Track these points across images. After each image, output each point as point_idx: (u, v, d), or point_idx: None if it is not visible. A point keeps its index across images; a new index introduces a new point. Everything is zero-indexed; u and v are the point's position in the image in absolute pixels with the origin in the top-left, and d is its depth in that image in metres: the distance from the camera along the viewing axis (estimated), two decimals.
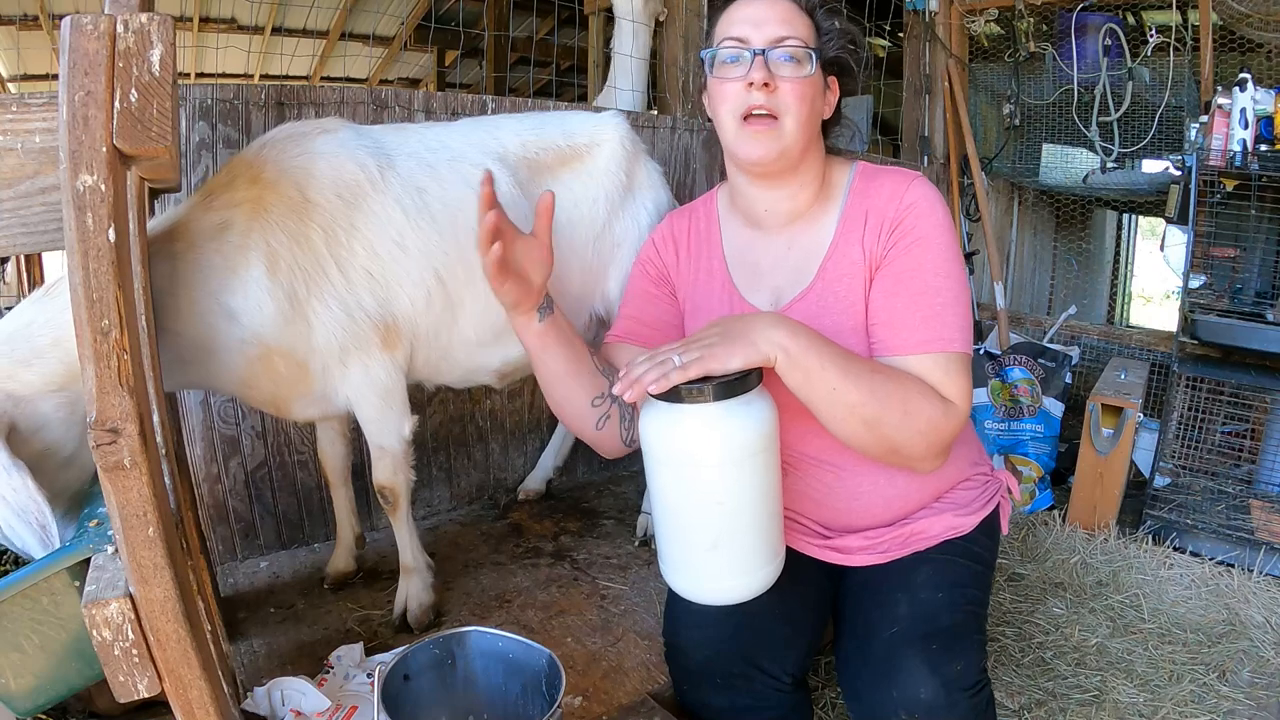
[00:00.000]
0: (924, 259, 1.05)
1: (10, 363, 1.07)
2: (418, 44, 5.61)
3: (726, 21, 1.10)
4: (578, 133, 1.65)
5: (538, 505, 2.13)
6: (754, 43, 1.06)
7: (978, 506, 1.19)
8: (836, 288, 1.10)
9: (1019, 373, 2.70)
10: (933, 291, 1.04)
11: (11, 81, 5.05)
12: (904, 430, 0.99)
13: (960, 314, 1.05)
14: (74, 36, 0.71)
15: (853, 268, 1.09)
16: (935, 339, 1.03)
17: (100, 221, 0.72)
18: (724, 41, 1.08)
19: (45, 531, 0.99)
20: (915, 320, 1.04)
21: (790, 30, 1.06)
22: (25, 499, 0.98)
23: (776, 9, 1.07)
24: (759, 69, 1.04)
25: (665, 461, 0.95)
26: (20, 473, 0.99)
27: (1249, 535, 2.11)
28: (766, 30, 1.05)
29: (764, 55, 1.05)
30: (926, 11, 3.23)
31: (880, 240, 1.08)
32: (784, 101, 1.06)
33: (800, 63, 1.06)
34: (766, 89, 1.05)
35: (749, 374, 0.93)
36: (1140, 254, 4.73)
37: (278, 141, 1.34)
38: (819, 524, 1.22)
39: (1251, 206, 2.39)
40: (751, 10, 1.07)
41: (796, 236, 1.16)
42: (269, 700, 1.23)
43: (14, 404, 1.06)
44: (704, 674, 1.17)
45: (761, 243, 1.19)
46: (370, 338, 1.36)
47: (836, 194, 1.15)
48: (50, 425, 1.10)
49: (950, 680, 1.00)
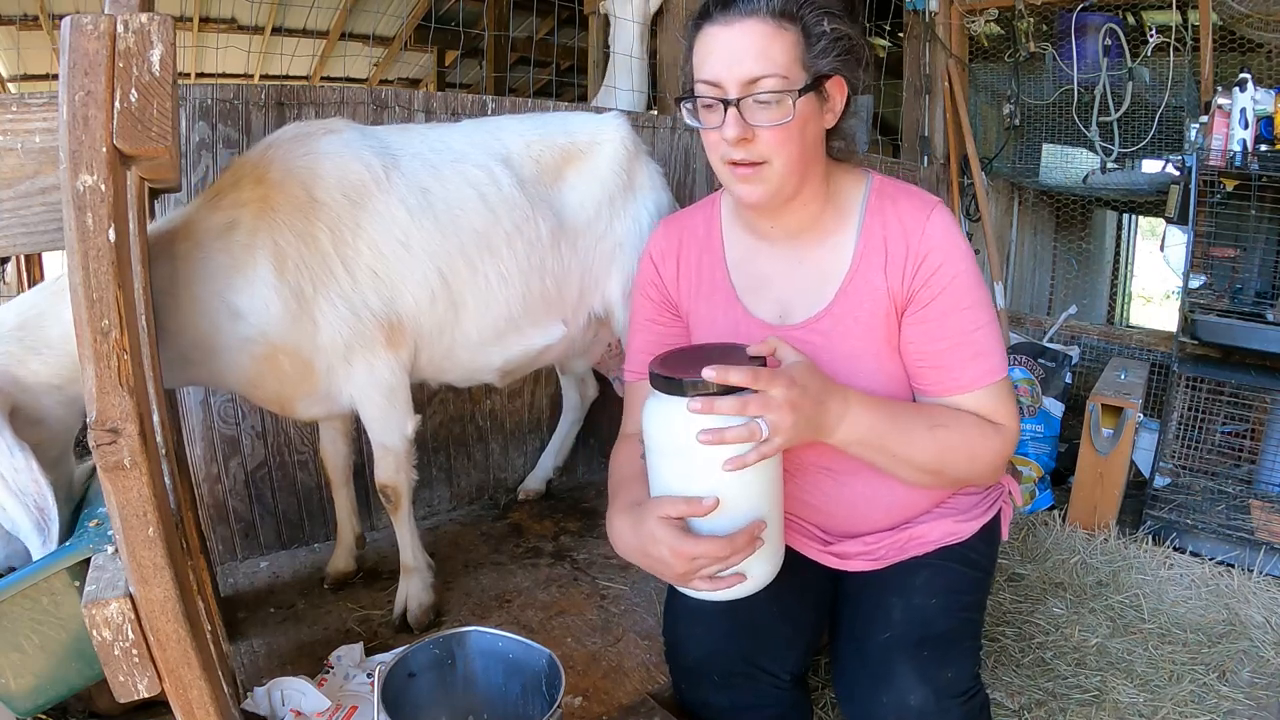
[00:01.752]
0: (959, 296, 1.05)
1: (21, 348, 1.07)
2: (418, 44, 5.62)
3: (700, 54, 1.00)
4: (579, 133, 1.66)
5: (538, 505, 2.13)
6: (727, 89, 0.96)
7: (978, 512, 1.19)
8: (857, 312, 1.08)
9: (1019, 373, 2.70)
10: (972, 327, 1.05)
11: (11, 81, 5.06)
12: (969, 471, 1.06)
13: (997, 338, 1.07)
14: (74, 36, 0.71)
15: (874, 294, 1.07)
16: (984, 374, 1.06)
17: (100, 221, 0.72)
18: (698, 84, 1.00)
19: (43, 515, 0.98)
20: (963, 361, 1.06)
21: (767, 65, 0.95)
22: (26, 480, 0.98)
23: (750, 36, 0.95)
24: (732, 124, 0.96)
25: (669, 454, 0.95)
26: (23, 453, 0.99)
27: (1249, 535, 2.11)
28: (739, 70, 0.95)
29: (737, 106, 0.96)
30: (926, 11, 3.23)
31: (905, 277, 1.05)
32: (766, 149, 0.99)
33: (778, 105, 0.96)
34: (744, 144, 0.98)
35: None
36: (1140, 254, 4.73)
37: (283, 142, 1.34)
38: (819, 528, 1.21)
39: (1251, 206, 2.39)
40: (723, 41, 0.96)
41: (806, 250, 1.12)
42: (269, 700, 1.23)
43: (20, 390, 1.06)
44: (703, 672, 1.17)
45: (766, 253, 1.15)
46: (375, 336, 1.36)
47: (850, 209, 1.11)
48: (47, 422, 1.09)
49: (941, 687, 1.01)
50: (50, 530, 0.99)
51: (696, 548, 0.91)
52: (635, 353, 1.25)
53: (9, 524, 1.01)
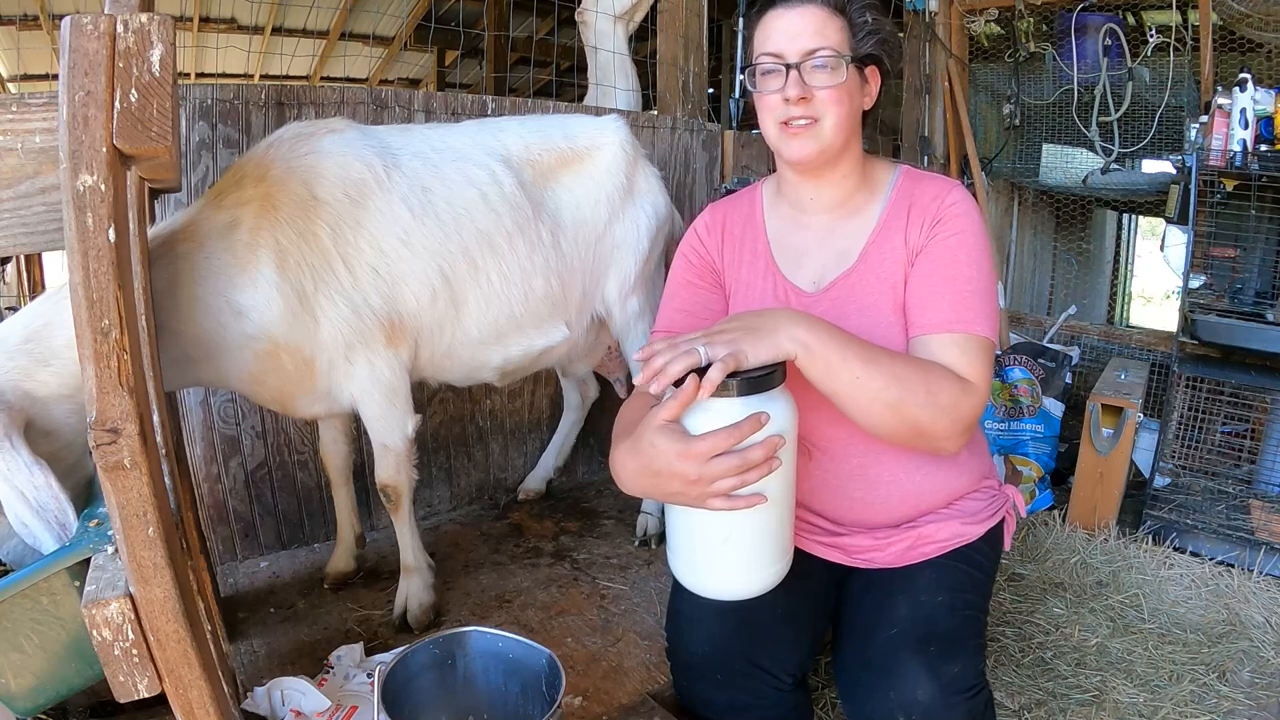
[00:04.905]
0: (959, 251, 1.11)
1: (30, 361, 1.07)
2: (418, 44, 5.62)
3: (763, 34, 1.13)
4: (579, 135, 1.66)
5: (538, 505, 2.14)
6: (788, 57, 1.10)
7: (984, 517, 1.20)
8: (878, 269, 1.16)
9: (1019, 373, 2.70)
10: (963, 279, 1.09)
11: (11, 81, 5.05)
12: (928, 409, 1.01)
13: (987, 303, 1.09)
14: (74, 36, 0.71)
15: (894, 253, 1.15)
16: (959, 320, 1.07)
17: (100, 221, 0.72)
18: (760, 57, 1.13)
19: (65, 530, 0.98)
20: (943, 302, 1.08)
21: (822, 40, 1.09)
22: (47, 497, 0.98)
23: (808, 19, 1.10)
24: (794, 85, 1.10)
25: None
26: (43, 470, 0.99)
27: (1249, 535, 2.11)
28: (799, 43, 1.09)
29: (798, 69, 1.09)
30: (926, 11, 3.23)
31: (922, 233, 1.14)
32: (821, 107, 1.11)
33: (834, 70, 1.10)
34: (803, 102, 1.10)
35: (773, 371, 0.93)
36: (1140, 254, 4.73)
37: (285, 141, 1.35)
38: (829, 519, 1.22)
39: (1251, 206, 2.39)
40: (785, 22, 1.11)
41: (839, 223, 1.22)
42: (269, 700, 1.23)
43: (31, 403, 1.06)
44: (704, 671, 1.17)
45: (804, 227, 1.24)
46: (376, 335, 1.36)
47: (881, 189, 1.22)
48: (60, 431, 1.10)
49: (948, 683, 1.01)
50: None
51: (703, 442, 0.88)
52: (670, 311, 1.29)
53: (31, 539, 1.01)
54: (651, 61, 2.50)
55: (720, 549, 0.96)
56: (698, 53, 2.42)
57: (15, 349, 1.07)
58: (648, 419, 0.93)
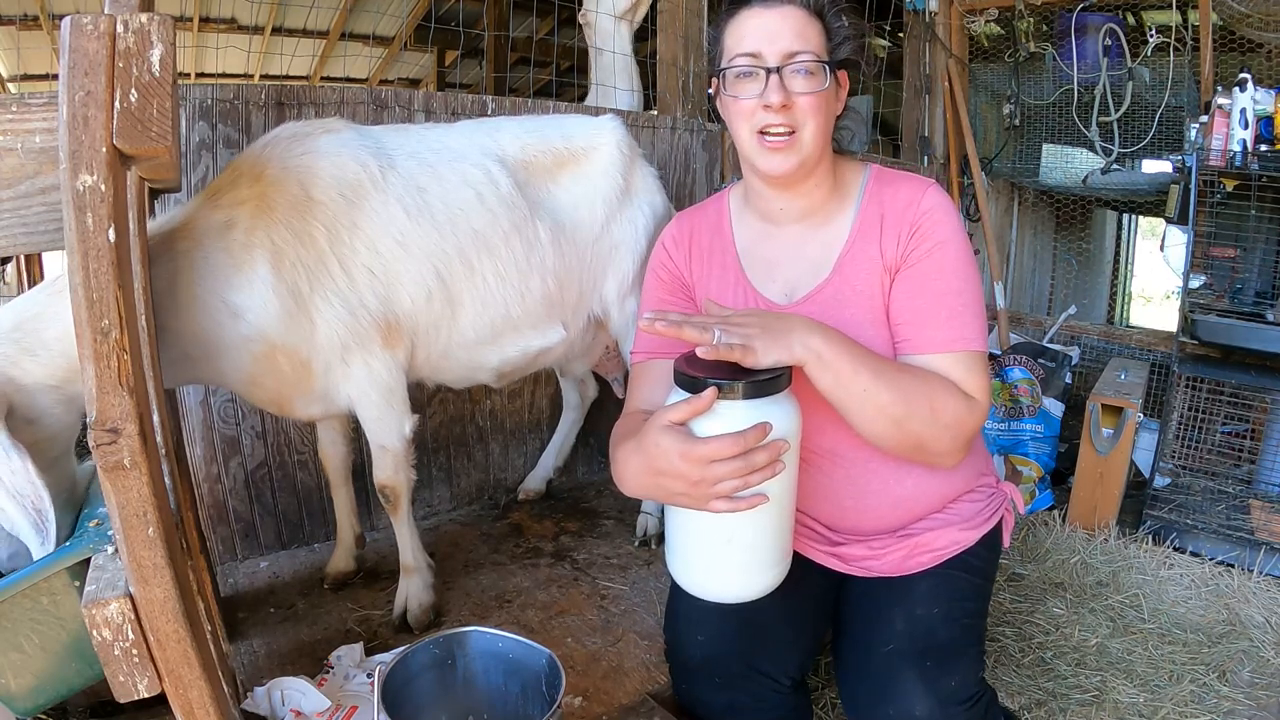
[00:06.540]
0: (944, 263, 1.08)
1: (17, 350, 1.07)
2: (418, 44, 5.61)
3: (737, 33, 1.07)
4: (575, 135, 1.66)
5: (538, 505, 2.13)
6: (768, 59, 1.04)
7: (981, 520, 1.19)
8: (854, 282, 1.12)
9: (1019, 373, 2.70)
10: (954, 293, 1.07)
11: (11, 81, 5.05)
12: (931, 426, 1.01)
13: (979, 314, 1.08)
14: (74, 36, 0.71)
15: (870, 264, 1.11)
16: (958, 338, 1.06)
17: (100, 221, 0.72)
18: (736, 58, 1.07)
19: (41, 518, 0.98)
20: (939, 321, 1.06)
21: (803, 44, 1.04)
22: (23, 482, 0.98)
23: (789, 20, 1.05)
24: (775, 90, 1.04)
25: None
26: (20, 455, 0.98)
27: (1249, 535, 2.11)
28: (780, 44, 1.04)
29: (779, 73, 1.04)
30: (926, 11, 3.23)
31: (899, 244, 1.10)
32: (800, 116, 1.06)
33: (814, 75, 1.05)
34: (785, 110, 1.05)
35: (779, 375, 0.92)
36: (1140, 254, 4.73)
37: (281, 140, 1.34)
38: (825, 526, 1.21)
39: (1251, 206, 2.40)
40: (763, 21, 1.05)
41: (810, 232, 1.17)
42: (269, 700, 1.23)
43: (15, 390, 1.06)
44: (703, 673, 1.17)
45: (774, 237, 1.20)
46: (372, 335, 1.36)
47: (851, 193, 1.17)
48: (44, 421, 1.09)
49: (945, 696, 1.01)
50: (48, 531, 0.99)
51: (707, 446, 0.88)
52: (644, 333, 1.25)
53: (8, 525, 1.01)
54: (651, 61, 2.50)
55: (720, 552, 0.96)
56: (698, 53, 2.42)
57: (2, 336, 1.07)
58: (653, 419, 0.93)
